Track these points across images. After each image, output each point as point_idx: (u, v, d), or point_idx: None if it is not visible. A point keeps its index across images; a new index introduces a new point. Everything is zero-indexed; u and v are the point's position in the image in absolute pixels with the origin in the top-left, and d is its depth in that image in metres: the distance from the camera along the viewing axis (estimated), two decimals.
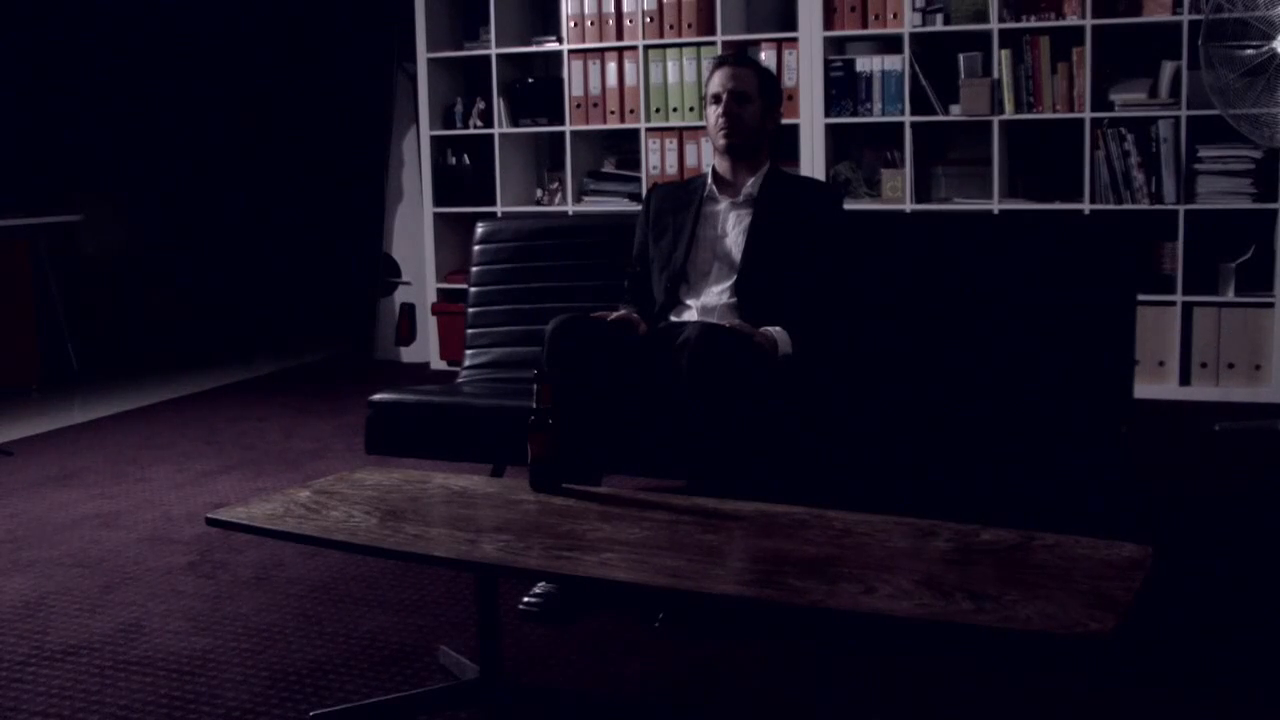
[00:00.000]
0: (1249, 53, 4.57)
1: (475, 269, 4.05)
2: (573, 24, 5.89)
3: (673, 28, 5.71)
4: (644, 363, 3.14)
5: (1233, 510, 3.79)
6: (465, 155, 6.21)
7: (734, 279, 3.34)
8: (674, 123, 5.76)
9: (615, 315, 3.26)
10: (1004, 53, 5.25)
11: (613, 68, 5.82)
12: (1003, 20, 5.25)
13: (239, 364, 6.71)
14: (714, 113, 3.40)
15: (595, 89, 5.86)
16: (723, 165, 3.46)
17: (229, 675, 2.70)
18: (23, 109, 6.71)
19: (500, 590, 2.58)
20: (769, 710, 2.51)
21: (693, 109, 5.68)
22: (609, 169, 6.09)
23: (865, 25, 5.45)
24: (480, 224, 4.13)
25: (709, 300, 3.35)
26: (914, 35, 5.35)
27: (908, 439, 3.09)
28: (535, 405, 2.52)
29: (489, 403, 3.47)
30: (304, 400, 5.73)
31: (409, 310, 6.64)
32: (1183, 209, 5.12)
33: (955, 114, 5.36)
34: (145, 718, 2.51)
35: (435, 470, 2.92)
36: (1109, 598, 1.86)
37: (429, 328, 6.38)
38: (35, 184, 6.65)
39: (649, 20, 5.74)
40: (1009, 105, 5.28)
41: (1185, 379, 5.19)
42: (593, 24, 5.85)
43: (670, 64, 5.73)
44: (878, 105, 5.47)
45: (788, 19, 5.65)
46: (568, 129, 5.95)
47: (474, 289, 4.03)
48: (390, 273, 6.71)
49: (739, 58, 3.64)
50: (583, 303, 3.62)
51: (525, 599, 2.99)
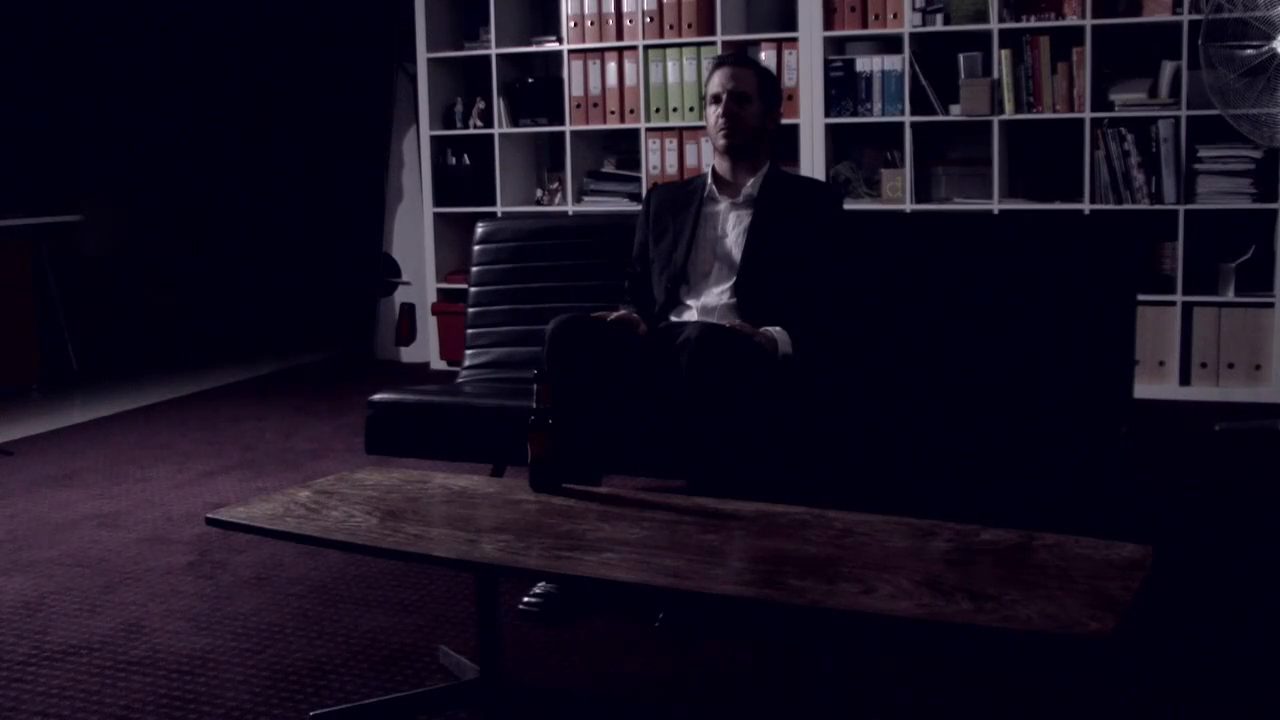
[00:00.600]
0: (1249, 53, 4.57)
1: (475, 269, 4.05)
2: (573, 24, 5.89)
3: (673, 28, 5.72)
4: (644, 363, 3.14)
5: (1233, 510, 3.79)
6: (465, 155, 6.21)
7: (734, 279, 3.34)
8: (674, 123, 5.76)
9: (615, 315, 3.26)
10: (1004, 53, 5.25)
11: (613, 68, 5.82)
12: (1003, 20, 5.25)
13: (239, 364, 6.71)
14: (714, 113, 3.40)
15: (595, 89, 5.86)
16: (723, 165, 3.46)
17: (229, 675, 2.70)
18: (23, 109, 6.71)
19: (500, 590, 2.58)
20: (769, 710, 2.51)
21: (693, 109, 5.68)
22: (609, 169, 6.09)
23: (865, 25, 5.45)
24: (480, 224, 4.13)
25: (709, 300, 3.35)
26: (914, 35, 5.35)
27: (908, 439, 3.09)
28: (535, 405, 2.52)
29: (489, 403, 3.47)
30: (304, 400, 5.73)
31: (409, 310, 6.64)
32: (1183, 209, 5.12)
33: (955, 114, 5.36)
34: (145, 718, 2.51)
35: (435, 470, 2.92)
36: (1109, 598, 1.86)
37: (429, 328, 6.39)
38: (35, 184, 6.65)
39: (649, 20, 5.74)
40: (1009, 105, 5.28)
41: (1185, 379, 5.19)
42: (593, 24, 5.85)
43: (670, 64, 5.73)
44: (878, 105, 5.47)
45: (788, 19, 5.66)
46: (568, 129, 5.95)
47: (474, 289, 4.03)
48: (390, 273, 6.71)
49: (739, 58, 3.64)
50: (583, 303, 3.62)
51: (525, 599, 2.99)
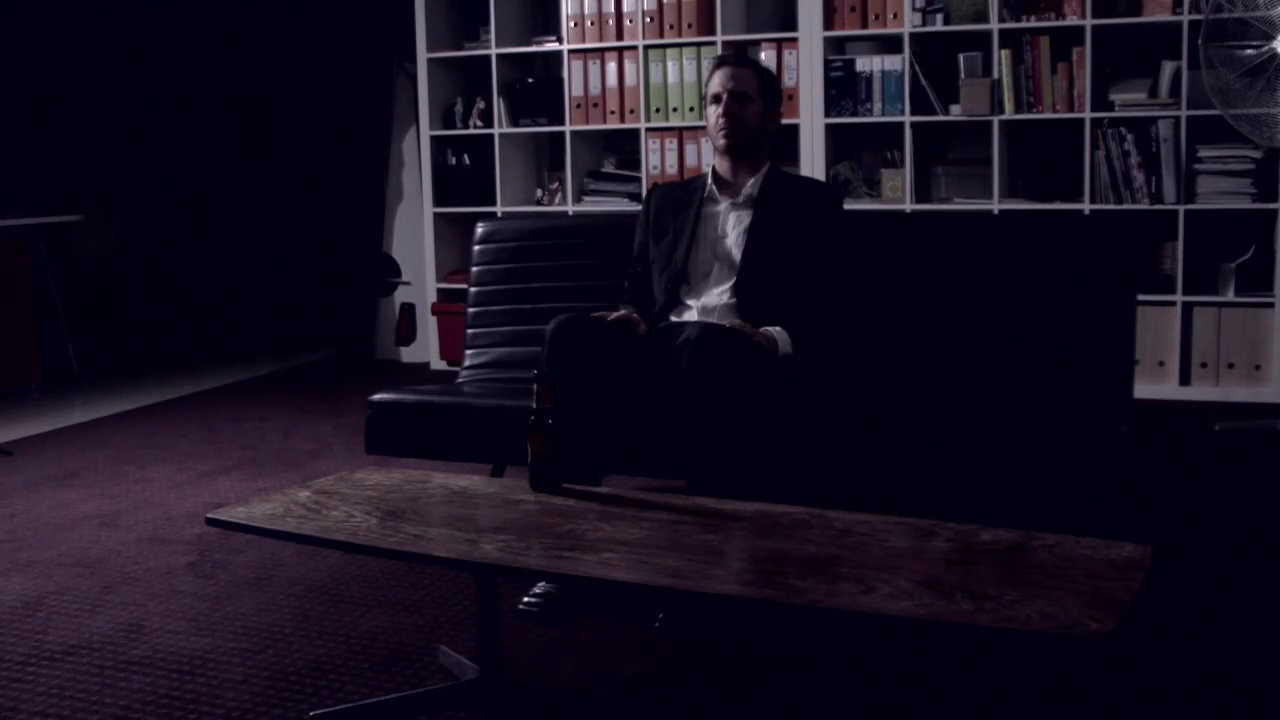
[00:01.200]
0: (1249, 53, 4.57)
1: (475, 269, 4.05)
2: (573, 24, 5.89)
3: (673, 28, 5.71)
4: (644, 363, 3.14)
5: (1233, 510, 3.79)
6: (465, 155, 6.21)
7: (734, 279, 3.34)
8: (674, 123, 5.76)
9: (615, 315, 3.26)
10: (1004, 53, 5.25)
11: (613, 68, 5.82)
12: (1003, 20, 5.25)
13: (239, 364, 6.71)
14: (714, 113, 3.40)
15: (595, 89, 5.86)
16: (723, 165, 3.46)
17: (229, 675, 2.70)
18: (23, 109, 6.71)
19: (500, 590, 2.58)
20: (769, 710, 2.51)
21: (693, 109, 5.68)
22: (609, 169, 6.09)
23: (865, 25, 5.45)
24: (480, 224, 4.13)
25: (709, 300, 3.35)
26: (914, 35, 5.35)
27: (908, 439, 3.09)
28: (535, 405, 2.52)
29: (489, 403, 3.47)
30: (304, 400, 5.73)
31: (409, 310, 6.64)
32: (1183, 209, 5.12)
33: (955, 114, 5.36)
34: (145, 718, 2.51)
35: (435, 470, 2.92)
36: (1109, 598, 1.86)
37: (429, 328, 6.39)
38: (35, 184, 6.65)
39: (649, 20, 5.74)
40: (1009, 105, 5.27)
41: (1185, 379, 5.19)
42: (593, 24, 5.85)
43: (670, 64, 5.73)
44: (878, 105, 5.47)
45: (788, 19, 5.65)
46: (568, 129, 5.95)
47: (474, 289, 4.03)
48: (390, 273, 6.71)
49: (739, 58, 3.64)
50: (583, 303, 3.62)
51: (525, 599, 2.99)
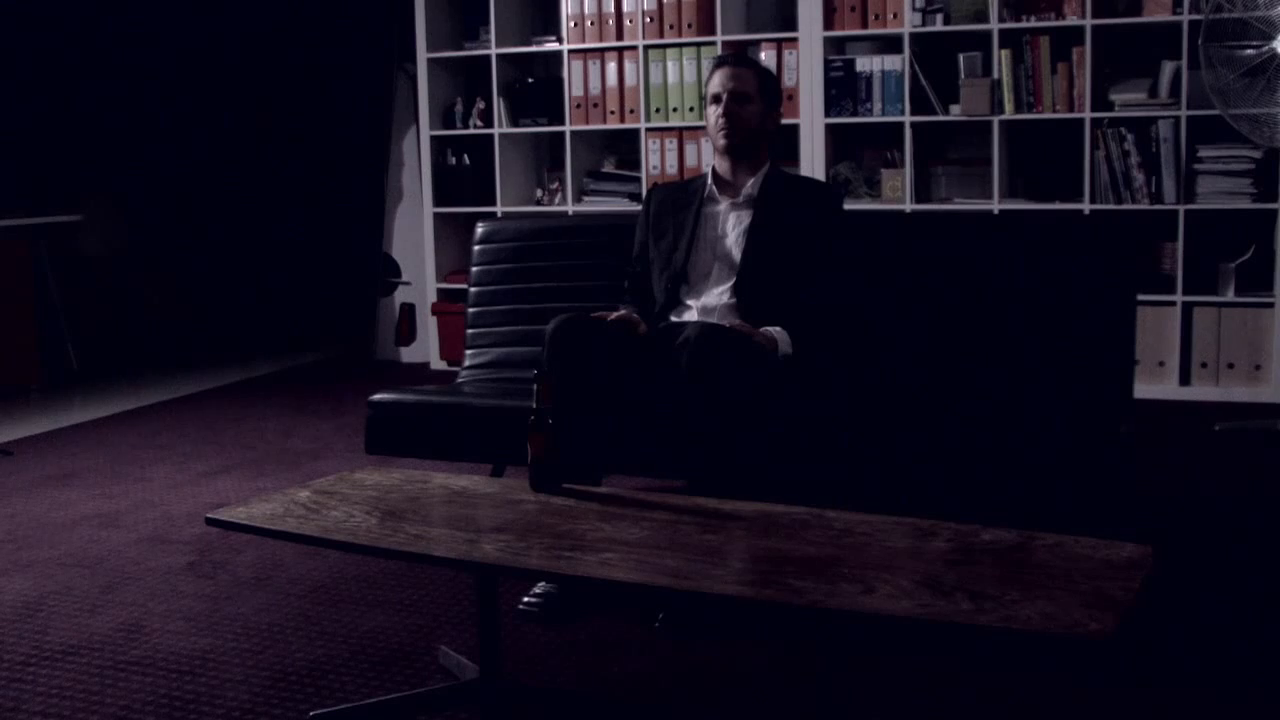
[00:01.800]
0: (1249, 53, 4.57)
1: (475, 269, 4.05)
2: (573, 24, 5.89)
3: (673, 28, 5.71)
4: (644, 363, 3.14)
5: (1233, 510, 3.79)
6: (465, 155, 6.21)
7: (734, 279, 3.34)
8: (674, 123, 5.76)
9: (615, 315, 3.26)
10: (1004, 53, 5.25)
11: (613, 68, 5.82)
12: (1003, 20, 5.25)
13: (239, 364, 6.71)
14: (714, 113, 3.40)
15: (595, 89, 5.86)
16: (723, 166, 3.46)
17: (229, 675, 2.70)
18: (23, 109, 6.71)
19: (500, 590, 2.58)
20: (769, 710, 2.51)
21: (693, 109, 5.68)
22: (609, 169, 6.09)
23: (865, 25, 5.45)
24: (480, 224, 4.13)
25: (709, 300, 3.35)
26: (914, 35, 5.35)
27: (908, 439, 3.09)
28: (535, 405, 2.52)
29: (489, 403, 3.47)
30: (304, 400, 5.73)
31: (409, 310, 6.64)
32: (1183, 209, 5.12)
33: (955, 114, 5.36)
34: (145, 718, 2.51)
35: (435, 470, 2.92)
36: (1109, 598, 1.86)
37: (429, 328, 6.39)
38: (35, 184, 6.65)
39: (649, 20, 5.74)
40: (1009, 105, 5.28)
41: (1185, 379, 5.19)
42: (593, 24, 5.85)
43: (670, 64, 5.73)
44: (878, 105, 5.47)
45: (788, 19, 5.65)
46: (568, 129, 5.95)
47: (474, 289, 4.03)
48: (390, 273, 6.71)
49: (739, 58, 3.64)
50: (583, 303, 3.61)
51: (525, 599, 2.99)
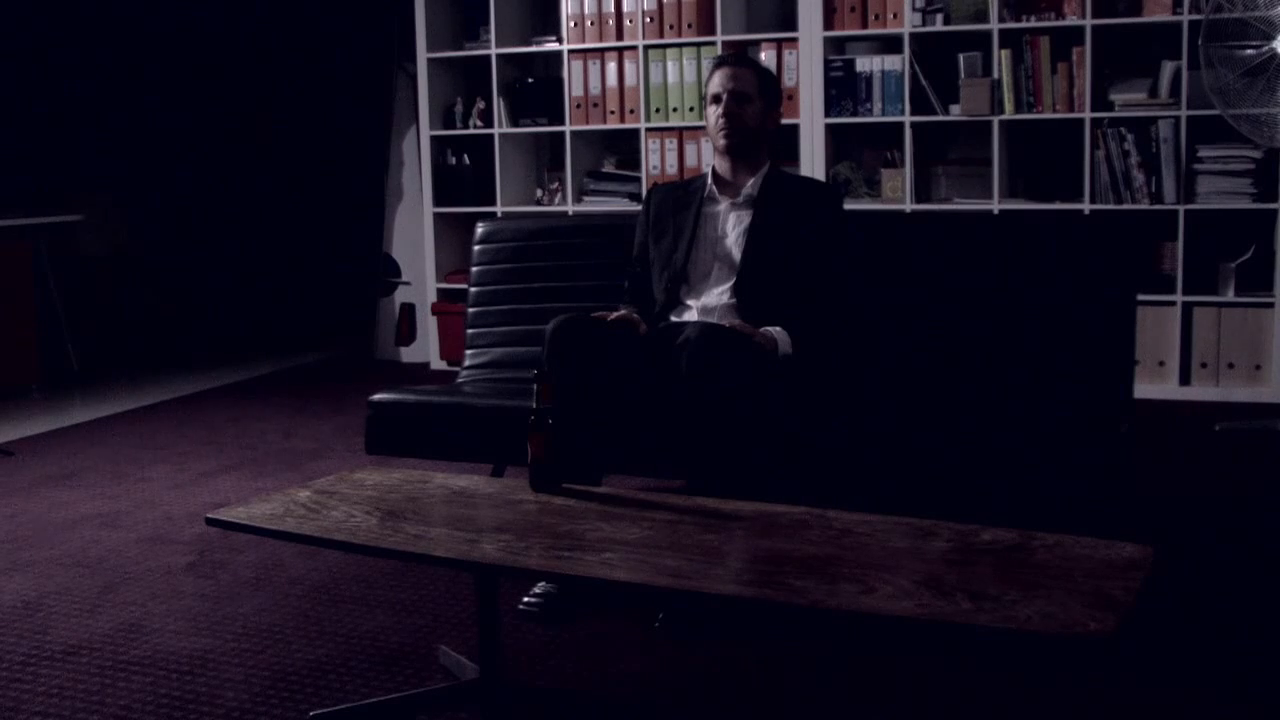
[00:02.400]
0: (1249, 53, 4.57)
1: (475, 269, 4.05)
2: (573, 24, 5.89)
3: (673, 28, 5.71)
4: (644, 363, 3.14)
5: (1233, 510, 3.79)
6: (465, 155, 6.21)
7: (734, 279, 3.34)
8: (674, 123, 5.75)
9: (615, 315, 3.26)
10: (1004, 53, 5.25)
11: (613, 68, 5.82)
12: (1003, 20, 5.25)
13: (239, 364, 6.71)
14: (714, 113, 3.40)
15: (595, 89, 5.86)
16: (723, 165, 3.46)
17: (229, 675, 2.70)
18: (23, 109, 6.71)
19: (500, 590, 2.58)
20: (769, 710, 2.51)
21: (693, 109, 5.68)
22: (609, 169, 6.08)
23: (865, 25, 5.45)
24: (480, 224, 4.13)
25: (709, 300, 3.35)
26: (914, 35, 5.35)
27: (908, 439, 3.09)
28: (535, 405, 2.52)
29: (489, 403, 3.47)
30: (304, 400, 5.73)
31: (409, 310, 6.64)
32: (1183, 209, 5.12)
33: (955, 114, 5.36)
34: (145, 718, 2.51)
35: (435, 470, 2.92)
36: (1109, 598, 1.86)
37: (429, 328, 6.39)
38: (35, 184, 6.65)
39: (649, 20, 5.74)
40: (1009, 105, 5.27)
41: (1185, 379, 5.19)
42: (593, 24, 5.85)
43: (670, 64, 5.73)
44: (878, 105, 5.47)
45: (788, 19, 5.65)
46: (568, 129, 5.95)
47: (474, 289, 4.03)
48: (390, 273, 6.71)
49: (739, 58, 3.64)
50: (583, 303, 3.62)
51: (525, 599, 2.99)
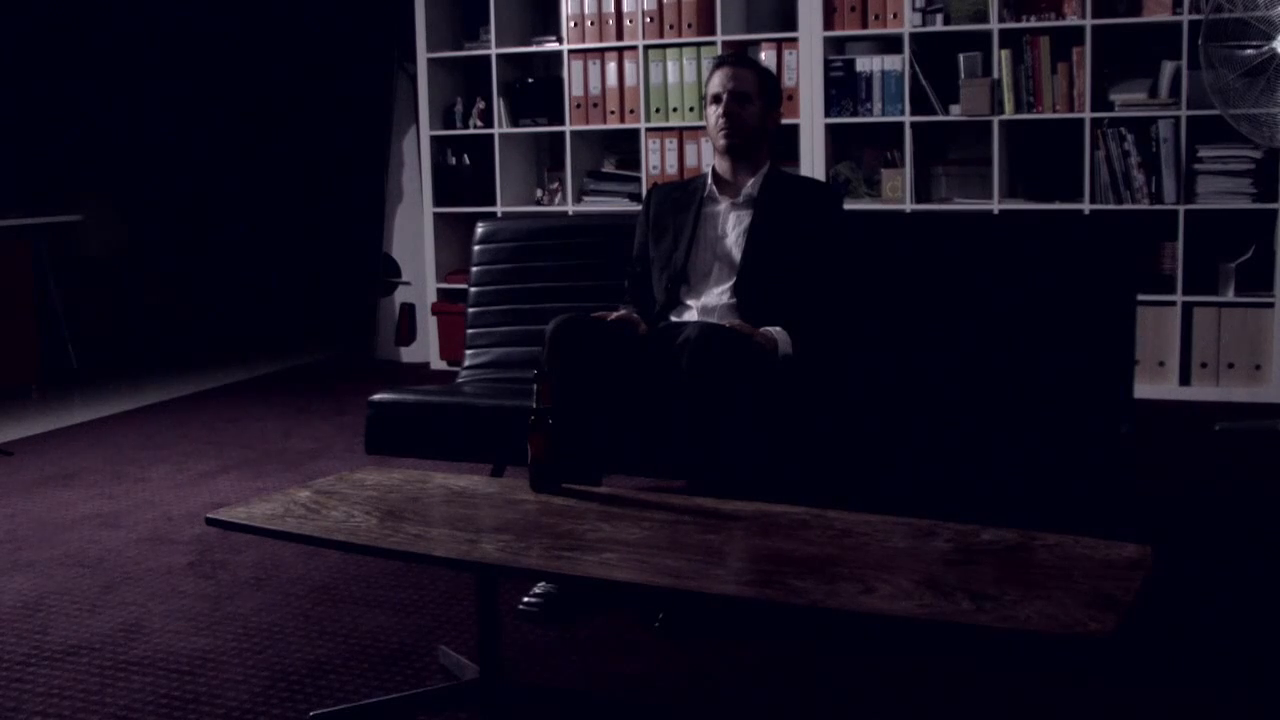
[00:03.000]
0: (1249, 53, 4.57)
1: (475, 269, 4.05)
2: (573, 24, 5.89)
3: (673, 28, 5.71)
4: (644, 363, 3.14)
5: (1233, 510, 3.79)
6: (465, 155, 6.21)
7: (734, 279, 3.34)
8: (674, 123, 5.76)
9: (615, 315, 3.26)
10: (1004, 53, 5.25)
11: (613, 68, 5.82)
12: (1003, 20, 5.25)
13: (239, 364, 6.71)
14: (714, 113, 3.40)
15: (595, 89, 5.86)
16: (723, 166, 3.46)
17: (229, 675, 2.70)
18: (23, 109, 6.71)
19: (500, 590, 2.58)
20: (769, 711, 2.51)
21: (693, 109, 5.68)
22: (609, 169, 6.09)
23: (865, 25, 5.45)
24: (480, 224, 4.13)
25: (709, 300, 3.35)
26: (914, 35, 5.35)
27: (908, 439, 3.09)
28: (535, 405, 2.52)
29: (489, 403, 3.47)
30: (304, 400, 5.73)
31: (409, 310, 6.64)
32: (1183, 209, 5.12)
33: (955, 114, 5.36)
34: (145, 718, 2.51)
35: (435, 470, 2.92)
36: (1109, 598, 1.86)
37: (429, 328, 6.39)
38: (35, 184, 6.65)
39: (649, 20, 5.74)
40: (1009, 105, 5.27)
41: (1185, 379, 5.19)
42: (593, 24, 5.85)
43: (670, 64, 5.73)
44: (878, 105, 5.47)
45: (788, 19, 5.65)
46: (568, 129, 5.95)
47: (474, 289, 4.03)
48: (390, 273, 6.71)
49: (739, 58, 3.64)
50: (583, 303, 3.61)
51: (525, 599, 2.99)
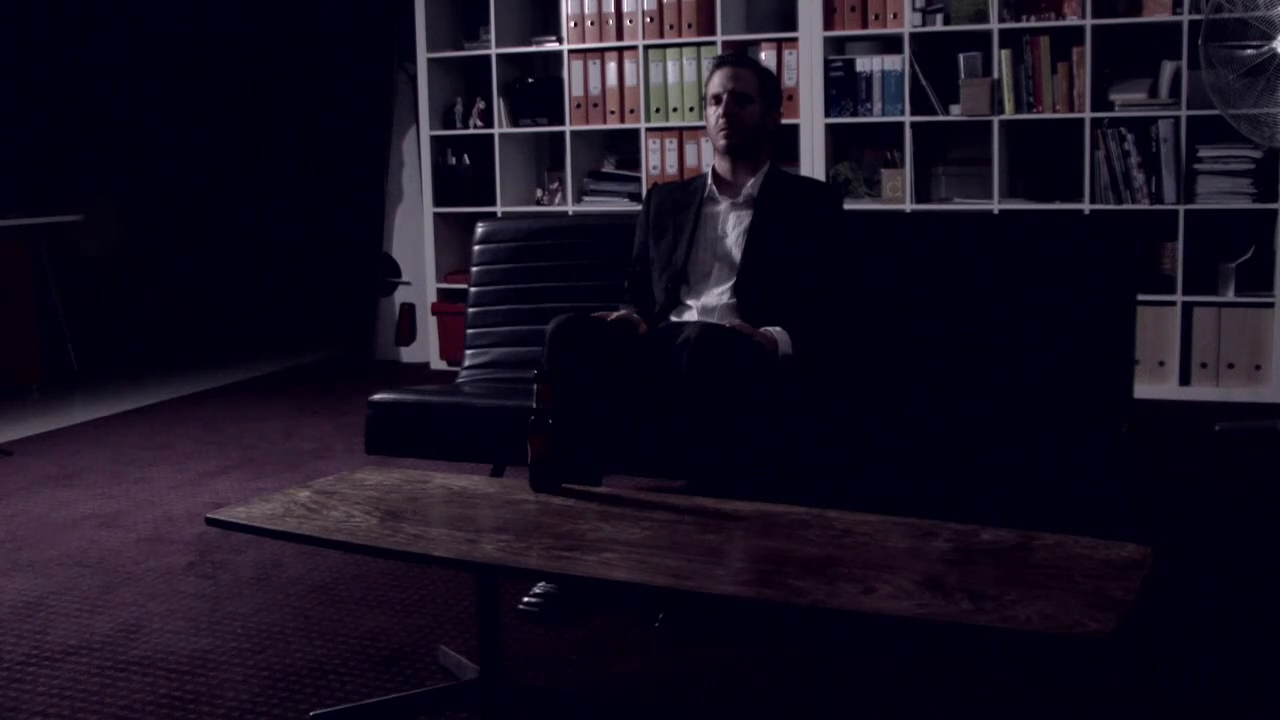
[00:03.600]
0: (1249, 53, 4.57)
1: (475, 269, 4.05)
2: (573, 24, 5.89)
3: (673, 28, 5.71)
4: (644, 363, 3.14)
5: (1233, 510, 3.79)
6: (465, 155, 6.21)
7: (734, 279, 3.34)
8: (674, 123, 5.76)
9: (615, 315, 3.26)
10: (1004, 53, 5.25)
11: (613, 68, 5.82)
12: (1003, 20, 5.25)
13: (239, 364, 6.71)
14: (714, 113, 3.40)
15: (595, 89, 5.86)
16: (723, 166, 3.46)
17: (229, 675, 2.70)
18: (23, 109, 6.71)
19: (500, 590, 2.58)
20: (769, 711, 2.51)
21: (693, 109, 5.68)
22: (609, 169, 6.09)
23: (865, 25, 5.45)
24: (480, 224, 4.13)
25: (709, 301, 3.35)
26: (914, 35, 5.35)
27: (908, 439, 3.09)
28: (535, 405, 2.52)
29: (489, 403, 3.47)
30: (304, 400, 5.73)
31: (409, 310, 6.64)
32: (1183, 209, 5.12)
33: (955, 114, 5.36)
34: (145, 718, 2.51)
35: (435, 470, 2.92)
36: (1109, 598, 1.86)
37: (429, 328, 6.39)
38: (35, 184, 6.65)
39: (649, 20, 5.74)
40: (1009, 105, 5.28)
41: (1185, 379, 5.19)
42: (593, 24, 5.85)
43: (670, 64, 5.73)
44: (878, 105, 5.47)
45: (788, 19, 5.65)
46: (568, 129, 5.95)
47: (474, 289, 4.03)
48: (390, 273, 6.71)
49: (739, 58, 3.64)
50: (583, 303, 3.61)
51: (525, 599, 2.99)
